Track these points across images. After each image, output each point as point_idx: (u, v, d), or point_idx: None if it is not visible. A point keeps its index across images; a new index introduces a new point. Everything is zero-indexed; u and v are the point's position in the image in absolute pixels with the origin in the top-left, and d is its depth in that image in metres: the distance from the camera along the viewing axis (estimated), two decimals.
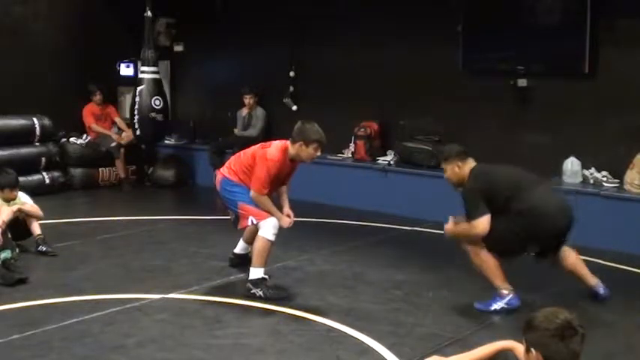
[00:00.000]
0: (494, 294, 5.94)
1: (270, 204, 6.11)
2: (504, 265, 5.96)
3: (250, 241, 6.54)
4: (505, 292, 5.92)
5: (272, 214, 6.09)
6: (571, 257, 6.18)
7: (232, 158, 6.52)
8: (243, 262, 6.76)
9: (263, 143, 6.37)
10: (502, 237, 5.81)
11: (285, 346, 5.03)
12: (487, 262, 5.92)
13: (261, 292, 6.02)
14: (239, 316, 5.67)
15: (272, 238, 6.07)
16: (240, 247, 6.88)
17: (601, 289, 6.15)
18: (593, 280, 6.19)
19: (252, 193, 6.07)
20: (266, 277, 6.14)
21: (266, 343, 5.09)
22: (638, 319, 5.81)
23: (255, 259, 6.12)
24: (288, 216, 6.34)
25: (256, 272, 6.08)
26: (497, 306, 5.91)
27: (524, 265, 6.19)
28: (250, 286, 6.08)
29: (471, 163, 6.01)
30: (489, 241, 5.84)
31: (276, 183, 6.29)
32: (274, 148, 6.15)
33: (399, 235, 8.45)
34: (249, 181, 6.14)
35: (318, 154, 6.18)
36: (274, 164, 6.06)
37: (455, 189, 6.09)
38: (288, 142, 6.13)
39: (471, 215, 5.81)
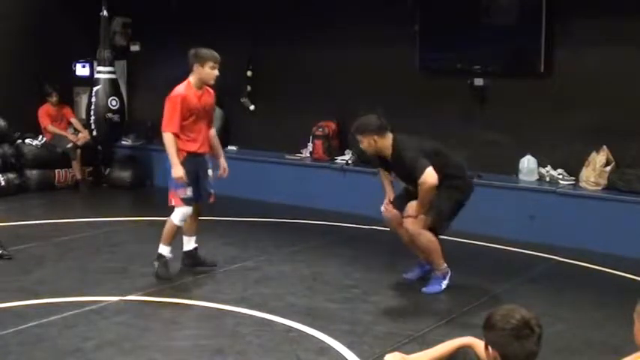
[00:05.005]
0: (437, 275, 6.31)
1: (173, 151, 6.32)
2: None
3: (189, 233, 6.75)
4: (446, 269, 6.31)
5: (170, 158, 6.34)
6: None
7: None
8: (194, 259, 6.77)
9: None
10: (444, 206, 6.21)
11: (244, 347, 5.02)
12: (433, 241, 6.25)
13: (156, 267, 6.53)
14: (197, 318, 5.65)
15: (178, 223, 6.52)
16: (185, 243, 6.81)
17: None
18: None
19: (163, 134, 6.38)
20: (169, 256, 6.58)
21: (225, 344, 5.07)
22: (594, 315, 5.88)
23: (162, 237, 6.56)
24: (225, 169, 6.74)
25: (162, 249, 6.57)
26: (443, 286, 6.27)
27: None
28: (155, 260, 6.56)
29: (390, 135, 6.30)
30: (434, 211, 6.17)
31: (200, 119, 6.51)
32: (178, 86, 6.47)
33: (358, 234, 8.48)
34: None
35: (216, 72, 6.48)
36: (179, 98, 6.34)
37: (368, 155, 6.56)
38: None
39: (419, 170, 6.06)
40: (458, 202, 6.32)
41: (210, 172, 6.69)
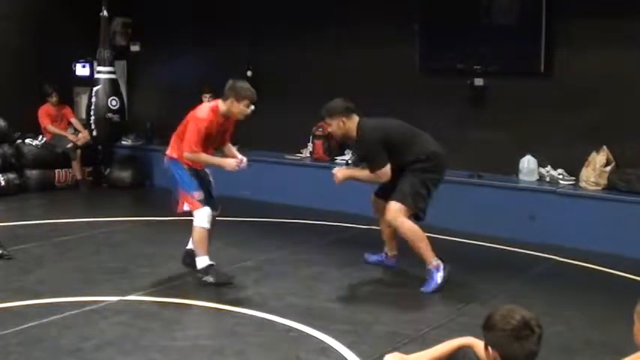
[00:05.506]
0: (430, 270, 6.30)
1: (208, 156, 6.30)
2: None
3: None
4: (437, 262, 6.31)
5: (216, 163, 6.32)
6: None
7: (173, 136, 6.56)
8: (193, 260, 6.73)
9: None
10: (418, 189, 6.29)
11: (244, 347, 5.01)
12: (415, 230, 6.29)
13: (212, 279, 6.27)
14: (198, 318, 5.65)
15: (206, 225, 6.28)
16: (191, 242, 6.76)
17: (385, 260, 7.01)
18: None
19: (185, 154, 6.23)
20: (213, 263, 6.35)
21: (225, 344, 5.06)
22: (594, 315, 5.87)
23: (196, 249, 6.35)
24: (242, 160, 6.53)
25: (202, 261, 6.32)
26: (439, 279, 6.26)
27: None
28: (201, 275, 6.31)
29: (356, 118, 6.45)
30: (410, 198, 6.26)
31: (213, 143, 6.44)
32: (205, 107, 6.38)
33: (358, 234, 8.47)
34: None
35: (249, 110, 6.38)
36: (204, 122, 6.21)
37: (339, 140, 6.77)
38: (219, 101, 6.33)
39: (374, 163, 6.30)
40: (431, 183, 6.40)
41: (212, 180, 6.66)
